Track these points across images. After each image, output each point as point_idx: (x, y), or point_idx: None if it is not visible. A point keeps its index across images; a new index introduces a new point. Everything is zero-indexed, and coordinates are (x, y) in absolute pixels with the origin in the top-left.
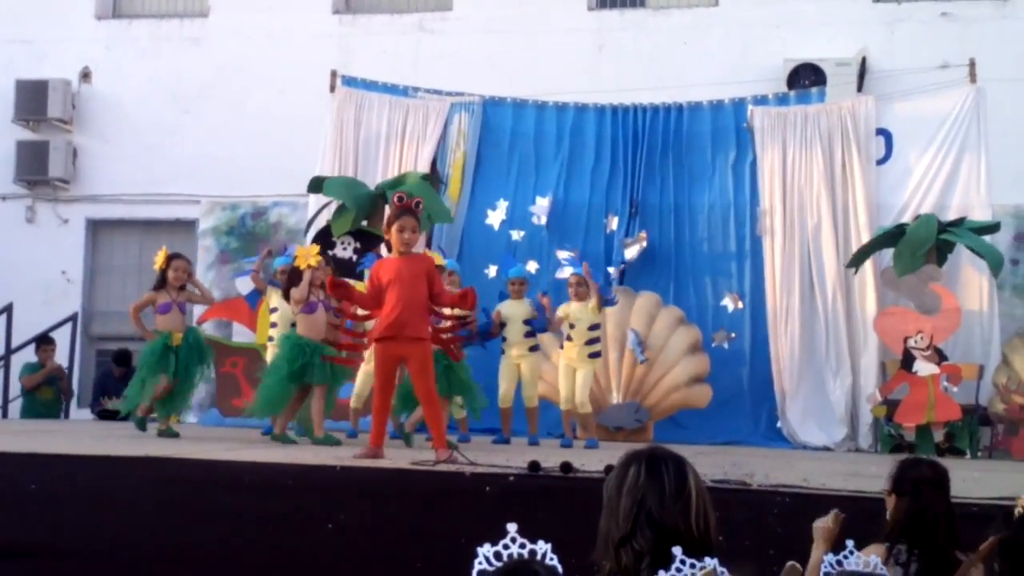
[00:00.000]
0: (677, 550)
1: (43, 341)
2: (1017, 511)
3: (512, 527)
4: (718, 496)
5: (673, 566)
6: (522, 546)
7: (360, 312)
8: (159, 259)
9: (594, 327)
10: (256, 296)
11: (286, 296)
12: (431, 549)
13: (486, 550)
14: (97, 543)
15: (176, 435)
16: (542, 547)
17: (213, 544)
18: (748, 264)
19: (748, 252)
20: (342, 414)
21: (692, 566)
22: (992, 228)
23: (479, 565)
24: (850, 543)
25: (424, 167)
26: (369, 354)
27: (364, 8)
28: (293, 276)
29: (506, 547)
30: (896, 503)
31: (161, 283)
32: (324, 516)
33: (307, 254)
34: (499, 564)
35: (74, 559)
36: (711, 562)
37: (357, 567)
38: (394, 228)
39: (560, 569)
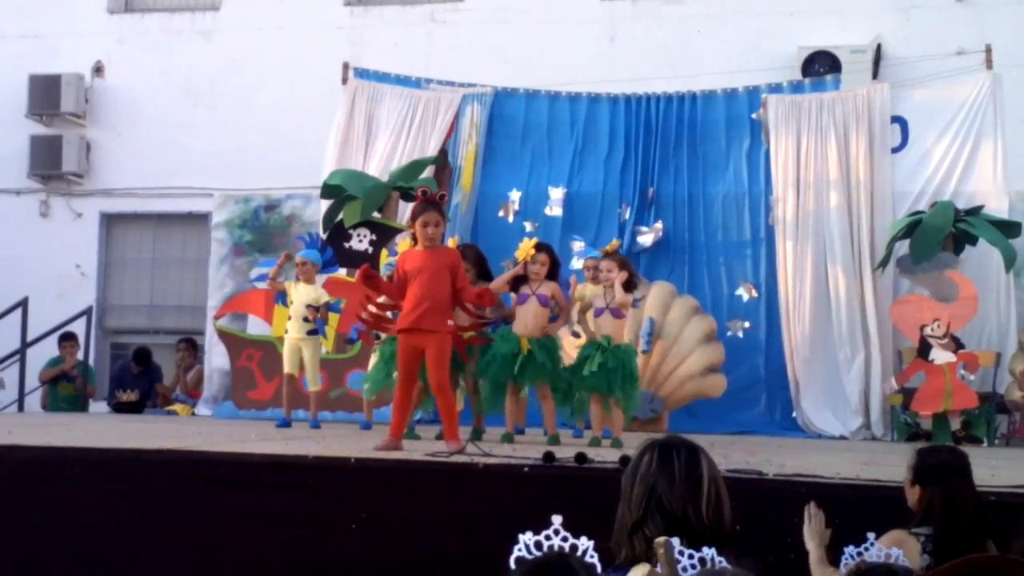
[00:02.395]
0: (675, 541)
1: (64, 338)
2: None
3: (557, 519)
4: (733, 486)
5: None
6: (564, 539)
7: (383, 301)
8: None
9: None
10: (283, 297)
11: None
12: (445, 540)
13: (527, 537)
14: (108, 541)
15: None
16: (584, 543)
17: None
18: (763, 253)
19: (763, 241)
20: (356, 405)
21: (690, 557)
22: (1013, 228)
23: (518, 551)
24: (871, 535)
25: None
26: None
27: (375, 0)
28: None
29: (548, 538)
30: (920, 494)
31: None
32: (337, 509)
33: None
34: (538, 553)
35: (84, 559)
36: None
37: (368, 558)
38: (418, 222)
39: (599, 568)
